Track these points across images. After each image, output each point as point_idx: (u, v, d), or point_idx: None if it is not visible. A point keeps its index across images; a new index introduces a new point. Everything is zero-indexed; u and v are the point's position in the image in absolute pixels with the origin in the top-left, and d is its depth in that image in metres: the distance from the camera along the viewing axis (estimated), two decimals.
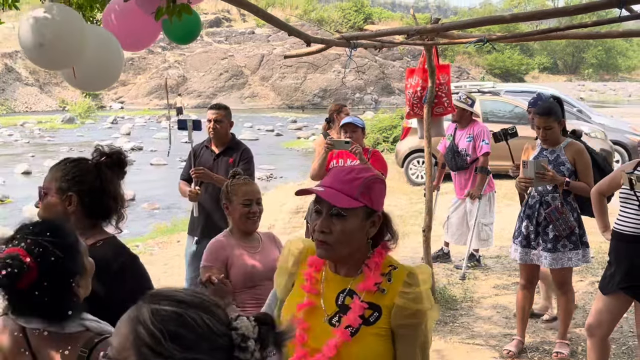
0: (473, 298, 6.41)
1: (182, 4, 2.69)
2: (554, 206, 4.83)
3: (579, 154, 4.85)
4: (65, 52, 2.84)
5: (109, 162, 2.49)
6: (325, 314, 2.08)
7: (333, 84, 45.21)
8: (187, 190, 5.29)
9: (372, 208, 2.05)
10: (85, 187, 2.42)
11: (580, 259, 4.90)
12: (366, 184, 2.04)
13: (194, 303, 1.30)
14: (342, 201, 1.99)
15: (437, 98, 6.15)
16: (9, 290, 1.84)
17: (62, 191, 2.42)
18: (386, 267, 2.08)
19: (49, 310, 1.86)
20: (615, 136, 13.88)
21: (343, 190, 2.01)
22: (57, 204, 2.42)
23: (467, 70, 53.03)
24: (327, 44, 4.89)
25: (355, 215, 2.02)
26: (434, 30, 4.94)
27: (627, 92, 55.55)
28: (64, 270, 1.88)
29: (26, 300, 1.85)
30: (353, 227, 2.02)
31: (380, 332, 2.03)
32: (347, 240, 2.03)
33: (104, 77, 3.05)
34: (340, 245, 2.03)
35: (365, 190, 2.03)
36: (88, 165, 2.47)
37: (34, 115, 35.49)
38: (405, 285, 2.03)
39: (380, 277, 2.05)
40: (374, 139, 17.67)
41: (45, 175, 2.51)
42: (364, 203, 2.02)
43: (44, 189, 2.47)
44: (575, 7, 4.02)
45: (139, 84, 46.04)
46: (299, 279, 2.19)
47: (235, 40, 50.79)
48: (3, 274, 1.78)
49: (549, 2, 74.18)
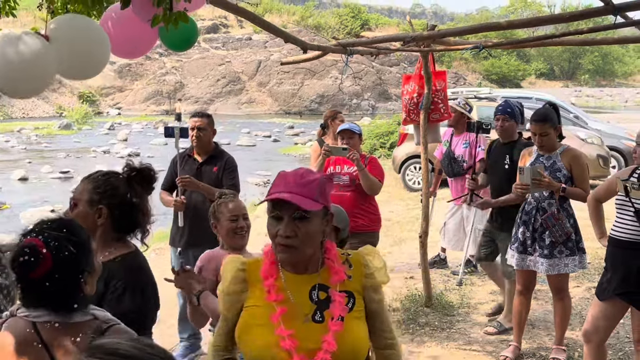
0: (470, 304, 6.42)
1: (179, 12, 2.70)
2: (550, 212, 4.84)
3: (575, 160, 4.87)
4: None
5: (139, 177, 2.55)
6: (303, 314, 2.12)
7: (330, 90, 45.27)
8: (170, 200, 5.21)
9: (327, 208, 2.15)
10: (116, 200, 2.48)
11: (577, 265, 4.90)
12: (321, 185, 2.12)
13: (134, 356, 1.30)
14: (307, 204, 2.05)
15: (434, 104, 6.17)
16: (23, 278, 1.96)
17: (93, 203, 2.48)
18: (341, 256, 2.23)
19: (57, 301, 1.98)
20: (612, 142, 13.91)
21: (303, 194, 2.06)
22: (87, 215, 2.47)
23: (463, 76, 53.13)
24: (324, 51, 4.90)
25: (316, 216, 2.10)
26: (430, 37, 4.96)
27: (624, 98, 55.67)
28: (75, 265, 2.01)
29: (37, 290, 1.96)
30: (315, 228, 2.10)
31: (358, 315, 2.17)
32: (311, 241, 2.11)
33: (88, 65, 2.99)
34: (305, 246, 2.09)
35: (322, 191, 2.11)
36: (120, 179, 2.53)
37: (31, 121, 35.44)
38: (366, 267, 2.22)
39: (343, 266, 2.19)
40: (371, 144, 17.69)
41: (76, 186, 2.56)
42: (323, 204, 2.11)
43: (74, 200, 2.51)
44: (571, 14, 4.05)
45: (136, 90, 46.05)
46: (253, 296, 2.18)
47: (232, 46, 50.85)
48: (20, 261, 1.93)
49: (545, 8, 74.41)
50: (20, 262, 1.93)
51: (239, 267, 2.22)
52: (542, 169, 4.77)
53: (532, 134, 4.91)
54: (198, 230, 5.08)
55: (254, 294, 2.17)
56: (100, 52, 2.90)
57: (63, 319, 1.98)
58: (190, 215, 5.16)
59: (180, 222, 5.16)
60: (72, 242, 2.01)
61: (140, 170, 2.56)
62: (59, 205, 13.13)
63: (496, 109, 5.70)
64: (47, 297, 1.97)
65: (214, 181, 5.16)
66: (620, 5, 3.56)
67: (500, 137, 5.65)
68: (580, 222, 4.97)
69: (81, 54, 2.81)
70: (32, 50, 2.64)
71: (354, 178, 5.45)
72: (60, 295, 1.98)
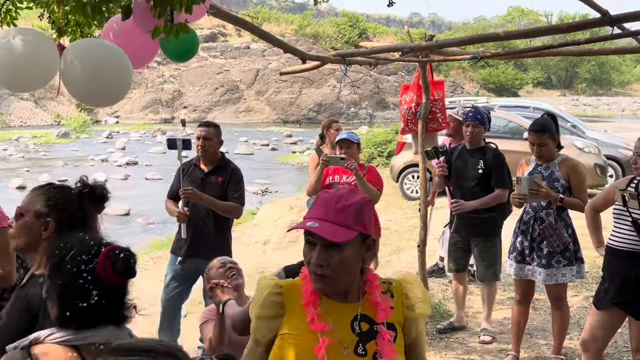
0: (468, 313, 6.42)
1: (180, 23, 2.72)
2: (548, 222, 4.84)
3: (573, 170, 4.87)
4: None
5: (91, 195, 2.48)
6: (343, 347, 1.98)
7: (328, 99, 45.40)
8: (174, 210, 5.21)
9: (366, 233, 1.98)
10: (65, 215, 2.40)
11: (575, 275, 4.90)
12: (358, 209, 1.96)
13: (160, 351, 1.32)
14: (339, 234, 1.91)
15: (432, 114, 6.19)
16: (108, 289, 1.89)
17: (41, 215, 2.41)
18: (383, 286, 2.08)
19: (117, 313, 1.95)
20: (609, 151, 13.93)
21: (337, 221, 1.93)
22: (33, 227, 2.40)
23: (461, 85, 53.31)
24: (322, 61, 4.93)
25: (352, 244, 1.94)
26: (428, 48, 4.99)
27: (621, 107, 55.85)
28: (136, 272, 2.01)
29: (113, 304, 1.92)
30: (351, 256, 1.95)
31: (399, 349, 2.05)
32: (347, 270, 1.97)
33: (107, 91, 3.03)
34: (340, 276, 1.96)
35: (359, 216, 1.96)
36: (71, 194, 2.46)
37: (29, 129, 35.48)
38: (407, 298, 2.08)
39: (385, 297, 2.05)
40: (369, 153, 17.72)
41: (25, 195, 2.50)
42: (359, 230, 1.95)
43: (20, 209, 2.44)
44: (568, 25, 4.08)
45: (134, 98, 46.11)
46: (290, 322, 2.03)
47: (230, 55, 50.98)
48: (133, 261, 1.93)
49: (542, 17, 74.69)
50: (133, 263, 1.93)
51: (274, 291, 2.05)
52: (540, 179, 4.77)
53: (530, 144, 4.91)
54: (199, 241, 5.10)
55: (292, 319, 2.02)
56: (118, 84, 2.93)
57: (110, 338, 1.86)
58: (192, 226, 5.15)
59: (183, 234, 5.14)
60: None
61: (93, 188, 2.49)
62: None
63: (466, 115, 5.77)
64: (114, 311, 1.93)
65: (219, 192, 5.11)
66: (617, 16, 3.59)
67: (469, 143, 5.69)
68: (579, 232, 4.98)
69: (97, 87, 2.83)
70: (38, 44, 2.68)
71: (353, 187, 5.46)
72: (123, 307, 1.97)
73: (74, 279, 1.87)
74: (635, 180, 4.20)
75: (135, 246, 9.40)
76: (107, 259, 1.88)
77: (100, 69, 2.82)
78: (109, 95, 2.95)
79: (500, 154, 5.65)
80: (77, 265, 1.88)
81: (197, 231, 5.12)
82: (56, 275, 1.91)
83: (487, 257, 5.71)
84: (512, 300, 6.73)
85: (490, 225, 5.66)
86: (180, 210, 5.10)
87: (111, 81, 2.85)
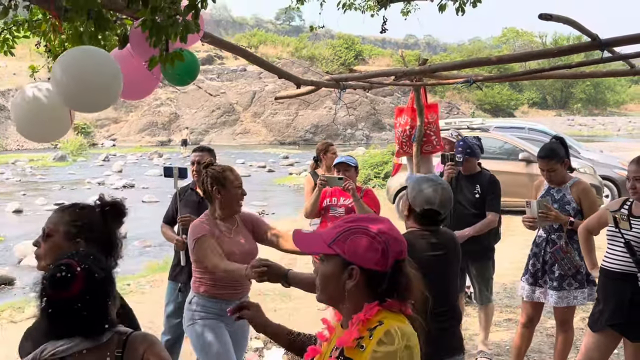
0: (465, 335, 6.39)
1: (175, 52, 2.76)
2: (559, 245, 4.83)
3: (585, 193, 4.87)
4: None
5: (113, 211, 2.55)
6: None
7: (324, 120, 45.53)
8: (172, 237, 5.22)
9: (346, 259, 1.97)
10: (92, 234, 2.47)
11: (586, 298, 4.86)
12: (344, 233, 1.99)
13: None
14: (308, 245, 2.06)
15: (426, 136, 6.25)
16: (56, 299, 2.03)
17: (70, 235, 2.46)
18: (374, 323, 1.93)
19: (88, 325, 2.07)
20: (605, 171, 13.99)
21: (324, 235, 2.03)
22: (64, 247, 2.44)
23: (457, 106, 53.52)
24: (317, 86, 4.98)
25: (331, 262, 2.00)
26: (422, 72, 5.05)
27: (616, 127, 56.07)
28: (103, 288, 2.12)
29: (68, 314, 2.03)
30: (327, 274, 2.01)
31: None
32: (323, 286, 2.04)
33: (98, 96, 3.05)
34: (321, 288, 2.05)
35: (341, 240, 1.98)
36: (96, 213, 2.53)
37: (25, 153, 35.48)
38: (379, 343, 1.87)
39: (365, 332, 1.92)
40: (365, 174, 17.76)
41: (49, 216, 2.54)
42: (336, 252, 1.98)
43: (48, 230, 2.50)
44: (559, 49, 4.15)
45: (131, 121, 46.23)
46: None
47: (227, 77, 51.19)
48: (57, 276, 2.02)
49: (537, 38, 75.22)
50: (57, 278, 2.02)
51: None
52: (549, 202, 4.79)
53: (541, 169, 4.95)
54: None
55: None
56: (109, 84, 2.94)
57: (92, 343, 2.06)
58: None
59: (182, 262, 5.13)
60: (99, 267, 2.12)
61: (114, 204, 2.57)
62: None
63: (456, 149, 5.84)
64: (79, 322, 2.04)
65: None
66: (607, 40, 3.66)
67: (464, 171, 5.75)
68: None
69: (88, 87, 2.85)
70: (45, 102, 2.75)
71: (350, 210, 5.48)
72: (91, 318, 2.06)
73: (39, 290, 2.09)
74: (629, 202, 4.24)
75: (132, 269, 9.40)
76: (49, 273, 2.07)
77: (86, 71, 2.84)
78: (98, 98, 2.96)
79: (496, 180, 5.70)
80: (45, 277, 2.09)
81: None
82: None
83: (484, 280, 5.74)
84: (509, 322, 6.75)
85: (485, 249, 5.70)
86: (179, 238, 5.10)
87: (98, 81, 2.86)
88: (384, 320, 1.93)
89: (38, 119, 2.92)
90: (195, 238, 3.77)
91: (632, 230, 4.06)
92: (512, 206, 10.98)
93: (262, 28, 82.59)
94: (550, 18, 3.30)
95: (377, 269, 1.95)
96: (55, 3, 2.75)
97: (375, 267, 1.95)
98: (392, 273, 1.97)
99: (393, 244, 1.98)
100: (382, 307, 1.97)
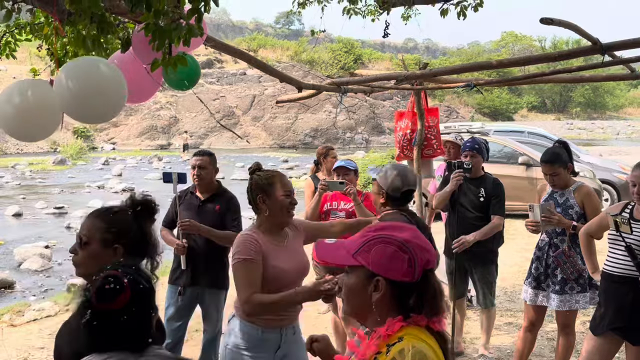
0: (465, 339, 6.41)
1: (178, 56, 2.77)
2: (562, 249, 4.84)
3: (588, 197, 4.86)
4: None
5: (146, 211, 2.53)
6: None
7: (324, 124, 45.57)
8: (172, 241, 5.21)
9: (370, 270, 1.89)
10: (129, 239, 2.45)
11: (588, 302, 4.86)
12: (368, 243, 1.91)
13: None
14: (339, 257, 1.95)
15: (427, 140, 6.25)
16: (102, 311, 1.95)
17: (107, 242, 2.44)
18: (394, 339, 1.85)
19: (133, 338, 1.99)
20: (604, 175, 13.99)
21: (348, 245, 1.95)
22: (102, 255, 2.42)
23: (456, 110, 53.61)
24: (318, 89, 4.99)
25: (355, 273, 1.93)
26: (422, 76, 5.05)
27: (616, 130, 56.15)
28: (148, 300, 2.05)
29: (113, 327, 1.96)
30: (352, 286, 1.93)
31: None
32: (349, 298, 1.96)
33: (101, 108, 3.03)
34: (346, 301, 1.97)
35: (365, 250, 1.90)
36: (128, 216, 2.50)
37: (25, 157, 35.47)
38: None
39: (384, 348, 1.84)
40: (365, 178, 17.75)
41: (82, 222, 2.50)
42: (360, 263, 1.90)
43: (84, 238, 2.46)
44: (560, 53, 4.15)
45: (130, 125, 46.26)
46: None
47: (227, 81, 51.26)
48: (106, 288, 1.94)
49: (536, 42, 75.33)
50: (105, 290, 1.95)
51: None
52: (552, 207, 4.79)
53: (544, 174, 4.95)
54: (198, 270, 5.12)
55: None
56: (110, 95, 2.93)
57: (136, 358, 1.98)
58: (191, 255, 5.16)
59: (182, 266, 5.13)
60: (143, 277, 2.06)
61: (145, 203, 2.54)
62: (53, 241, 13.10)
63: (464, 145, 5.83)
64: (124, 335, 1.98)
65: (216, 220, 5.13)
66: (608, 44, 3.67)
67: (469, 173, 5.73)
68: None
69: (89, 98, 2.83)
70: (38, 97, 2.71)
71: (351, 214, 5.48)
72: (136, 331, 2.00)
73: (82, 301, 2.00)
74: (630, 205, 4.24)
75: None
76: (96, 285, 1.98)
77: (92, 83, 2.83)
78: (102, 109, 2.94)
79: (500, 183, 5.70)
80: (88, 288, 2.00)
81: (196, 261, 5.13)
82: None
83: (488, 283, 5.74)
84: (510, 326, 6.75)
85: (489, 252, 5.70)
86: (179, 242, 5.10)
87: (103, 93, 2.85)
88: (404, 337, 1.84)
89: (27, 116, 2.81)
90: (239, 259, 3.35)
91: (633, 234, 4.06)
92: (512, 210, 10.96)
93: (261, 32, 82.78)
94: (552, 22, 3.31)
95: (404, 279, 1.87)
96: (58, 6, 2.76)
97: (402, 278, 1.87)
98: (420, 284, 1.89)
99: (420, 253, 1.89)
100: (407, 322, 1.88)
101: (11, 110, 2.74)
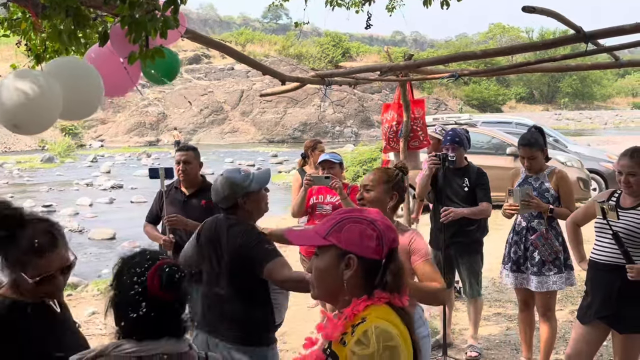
0: (454, 330, 6.41)
1: (155, 48, 2.73)
2: (540, 232, 4.97)
3: (562, 181, 5.02)
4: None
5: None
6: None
7: (313, 118, 45.51)
8: (157, 236, 5.18)
9: (342, 248, 1.95)
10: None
11: (564, 282, 4.99)
12: (339, 223, 1.98)
13: None
14: (310, 239, 2.03)
15: (413, 132, 6.24)
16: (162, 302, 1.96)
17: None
18: (358, 319, 1.88)
19: (174, 327, 2.02)
20: (592, 164, 14.07)
21: (318, 228, 2.02)
22: None
23: (444, 102, 53.66)
24: (302, 82, 4.96)
25: (327, 254, 1.98)
26: (407, 67, 5.03)
27: (603, 120, 56.42)
28: (186, 288, 2.06)
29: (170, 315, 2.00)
30: (324, 266, 1.98)
31: None
32: (321, 280, 2.00)
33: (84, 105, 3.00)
34: (317, 284, 2.02)
35: (336, 230, 1.97)
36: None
37: (12, 155, 35.25)
38: (357, 343, 1.81)
39: (349, 328, 1.87)
40: (354, 171, 17.73)
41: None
42: (331, 242, 1.96)
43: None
44: (544, 42, 4.13)
45: (118, 122, 46.03)
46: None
47: (214, 76, 51.09)
48: (177, 276, 2.00)
49: (523, 33, 75.48)
50: (177, 278, 1.98)
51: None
52: (531, 191, 4.91)
53: (521, 157, 5.07)
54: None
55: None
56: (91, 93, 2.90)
57: (172, 349, 1.99)
58: (177, 251, 5.11)
59: None
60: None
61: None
62: None
63: (444, 138, 5.85)
64: (174, 322, 2.01)
65: (202, 215, 5.07)
66: (591, 32, 3.65)
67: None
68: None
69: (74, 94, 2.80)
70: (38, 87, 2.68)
71: (338, 207, 5.47)
72: (180, 320, 2.02)
73: (127, 290, 1.97)
74: (617, 193, 4.24)
75: None
76: (155, 274, 1.98)
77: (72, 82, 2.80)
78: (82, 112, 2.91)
79: (483, 172, 5.74)
80: (131, 277, 1.98)
81: None
82: (115, 285, 2.04)
83: (474, 273, 5.76)
84: (498, 316, 6.77)
85: (474, 242, 5.72)
86: (166, 237, 5.07)
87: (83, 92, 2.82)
88: (367, 317, 1.87)
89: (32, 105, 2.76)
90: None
91: (619, 222, 4.06)
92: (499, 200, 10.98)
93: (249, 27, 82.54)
94: (534, 10, 3.29)
95: (373, 257, 1.95)
96: (32, 0, 2.71)
97: (372, 255, 1.94)
98: (387, 262, 1.97)
99: (387, 232, 1.98)
100: (371, 300, 1.92)
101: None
